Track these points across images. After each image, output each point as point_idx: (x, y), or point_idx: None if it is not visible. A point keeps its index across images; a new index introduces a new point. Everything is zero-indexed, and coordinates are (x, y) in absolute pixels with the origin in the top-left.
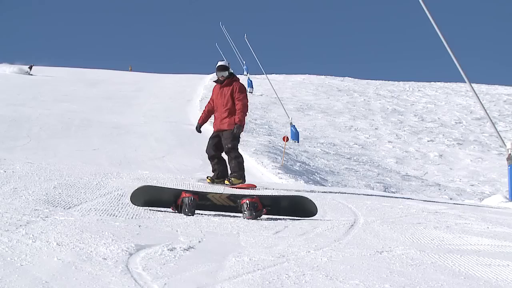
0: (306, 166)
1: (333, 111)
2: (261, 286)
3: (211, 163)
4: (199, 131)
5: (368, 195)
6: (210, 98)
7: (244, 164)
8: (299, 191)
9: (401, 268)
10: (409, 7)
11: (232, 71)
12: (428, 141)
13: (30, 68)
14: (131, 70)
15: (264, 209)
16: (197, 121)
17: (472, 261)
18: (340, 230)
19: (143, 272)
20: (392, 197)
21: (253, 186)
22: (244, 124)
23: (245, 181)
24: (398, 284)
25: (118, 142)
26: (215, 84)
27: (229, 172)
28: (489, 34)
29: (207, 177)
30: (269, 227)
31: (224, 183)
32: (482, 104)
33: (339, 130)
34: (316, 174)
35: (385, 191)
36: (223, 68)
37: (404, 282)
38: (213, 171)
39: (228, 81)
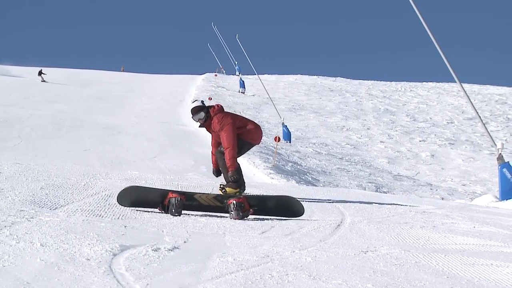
0: (298, 166)
1: (325, 111)
2: (243, 286)
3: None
4: (218, 175)
5: (356, 198)
6: (212, 141)
7: (240, 169)
8: (288, 194)
9: (384, 267)
10: (401, 7)
11: (209, 104)
12: (420, 141)
13: (40, 73)
14: (123, 71)
15: (251, 209)
16: (212, 165)
17: (456, 260)
18: (326, 230)
19: (126, 273)
20: (380, 200)
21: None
22: (236, 161)
23: (244, 189)
24: (380, 283)
25: (110, 142)
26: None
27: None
28: (484, 34)
29: (220, 185)
30: (255, 227)
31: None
32: (472, 105)
33: (331, 130)
34: (308, 174)
35: (376, 191)
36: (196, 110)
37: (387, 281)
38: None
39: (208, 124)
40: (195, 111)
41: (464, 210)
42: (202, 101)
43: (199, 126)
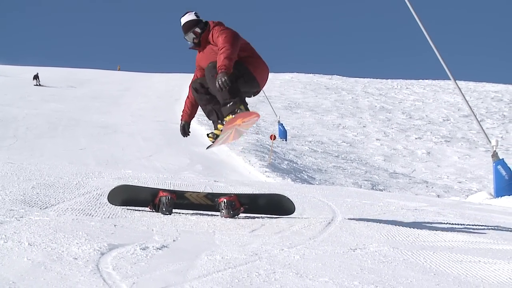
0: (294, 165)
1: (321, 109)
2: (230, 284)
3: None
4: (186, 134)
5: (349, 195)
6: (194, 75)
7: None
8: (281, 192)
9: (372, 265)
10: (396, 5)
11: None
12: (416, 138)
13: (35, 78)
14: (119, 70)
15: (241, 208)
16: (180, 117)
17: (444, 257)
18: (316, 228)
19: (112, 272)
20: (373, 198)
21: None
22: (233, 64)
23: (246, 109)
24: (367, 281)
25: (106, 141)
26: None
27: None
28: (481, 32)
29: (208, 135)
30: (245, 226)
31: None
32: (467, 102)
33: (327, 128)
34: (303, 172)
35: (372, 188)
36: (189, 26)
37: (374, 279)
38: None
39: (204, 37)
40: (188, 27)
41: (456, 207)
42: (196, 13)
43: (191, 48)
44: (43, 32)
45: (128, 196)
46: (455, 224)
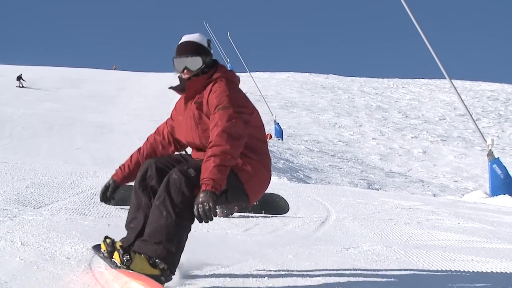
0: (290, 164)
1: (317, 109)
2: (222, 283)
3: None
4: (106, 200)
5: (344, 195)
6: (166, 123)
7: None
8: (275, 191)
9: (365, 264)
10: (392, 4)
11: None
12: (412, 137)
13: (18, 79)
14: (115, 69)
15: (236, 207)
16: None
17: (437, 256)
18: (310, 227)
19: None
20: (368, 197)
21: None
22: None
23: (171, 273)
24: (360, 279)
25: (102, 141)
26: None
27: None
28: (476, 31)
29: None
30: (239, 225)
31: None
32: (463, 101)
33: (323, 127)
34: (300, 171)
35: (368, 187)
36: (193, 49)
37: (366, 278)
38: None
39: (198, 83)
40: (191, 49)
41: (450, 206)
42: (209, 41)
43: (174, 87)
44: (40, 32)
45: (122, 195)
46: (449, 223)
